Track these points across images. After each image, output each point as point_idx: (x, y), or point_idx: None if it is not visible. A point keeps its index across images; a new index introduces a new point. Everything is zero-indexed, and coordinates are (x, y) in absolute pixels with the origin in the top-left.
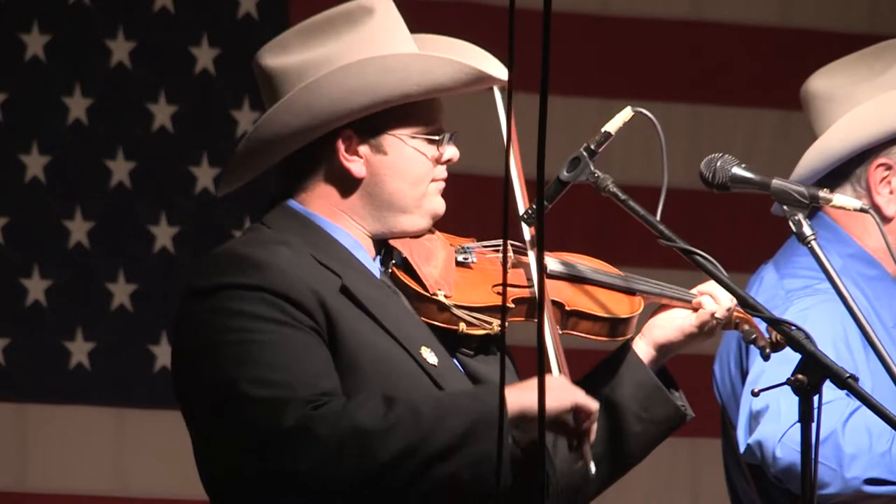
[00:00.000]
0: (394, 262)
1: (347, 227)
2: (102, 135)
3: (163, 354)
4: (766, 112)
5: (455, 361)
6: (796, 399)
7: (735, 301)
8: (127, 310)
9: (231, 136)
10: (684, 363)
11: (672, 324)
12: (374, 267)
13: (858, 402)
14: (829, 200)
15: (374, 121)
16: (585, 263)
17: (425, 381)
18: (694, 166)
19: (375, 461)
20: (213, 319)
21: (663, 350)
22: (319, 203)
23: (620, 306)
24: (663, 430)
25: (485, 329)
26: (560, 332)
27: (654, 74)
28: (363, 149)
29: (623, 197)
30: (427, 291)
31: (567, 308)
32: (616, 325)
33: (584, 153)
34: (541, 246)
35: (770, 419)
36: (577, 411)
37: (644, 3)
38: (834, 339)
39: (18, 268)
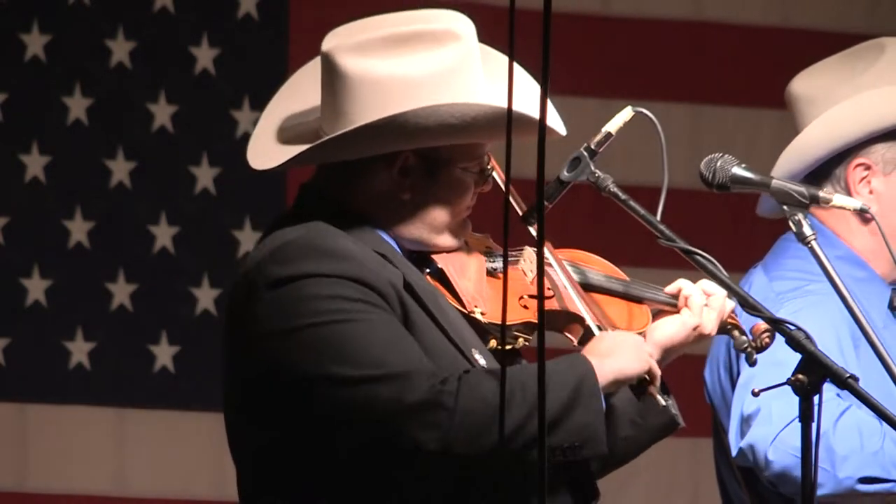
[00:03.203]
0: (428, 271)
1: (388, 233)
2: (102, 135)
3: (163, 354)
4: (766, 112)
5: None
6: (788, 402)
7: (732, 303)
8: (127, 310)
9: (231, 136)
10: (684, 363)
11: (676, 327)
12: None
13: (847, 403)
14: (830, 200)
15: (440, 152)
16: (593, 266)
17: None
18: (694, 166)
19: (498, 432)
20: (307, 304)
21: (665, 355)
22: (367, 211)
23: (634, 320)
24: (653, 437)
25: (511, 345)
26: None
27: (654, 74)
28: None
29: (623, 197)
30: (465, 308)
31: (586, 323)
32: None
33: (585, 153)
34: (541, 246)
35: (762, 422)
36: (650, 373)
37: (644, 3)
38: (825, 340)
39: (18, 268)
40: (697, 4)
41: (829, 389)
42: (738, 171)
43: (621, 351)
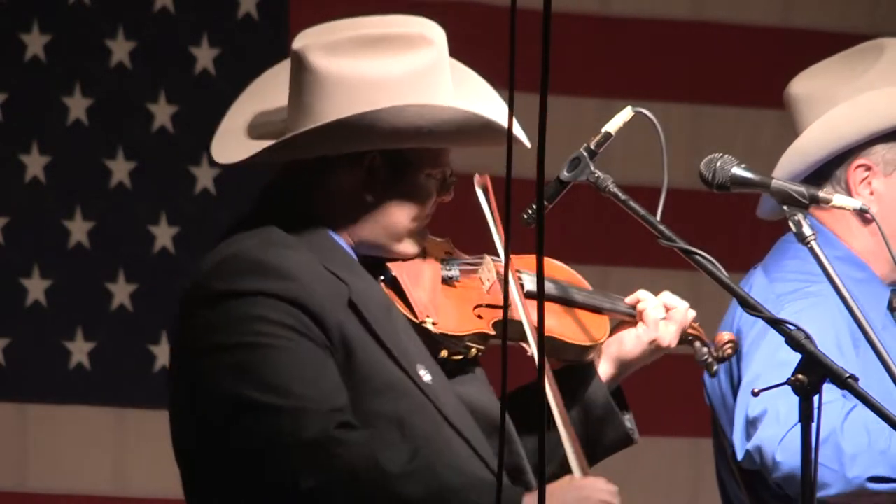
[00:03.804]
0: (382, 277)
1: (344, 238)
2: (102, 135)
3: (163, 354)
4: (766, 112)
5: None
6: (795, 403)
7: (693, 313)
8: (127, 310)
9: None
10: (684, 363)
11: (632, 341)
12: None
13: (854, 402)
14: (830, 200)
15: (407, 154)
16: (554, 276)
17: (426, 403)
18: (694, 166)
19: (377, 501)
20: (231, 324)
21: (622, 368)
22: (327, 211)
23: (591, 331)
24: (606, 452)
25: (463, 355)
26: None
27: (654, 74)
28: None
29: (623, 197)
30: (416, 318)
31: (550, 336)
32: (590, 351)
33: (584, 153)
34: (540, 246)
35: (769, 424)
36: None
37: (644, 3)
38: (826, 341)
39: (18, 268)
40: (697, 4)
41: (834, 390)
42: (738, 171)
43: (570, 499)
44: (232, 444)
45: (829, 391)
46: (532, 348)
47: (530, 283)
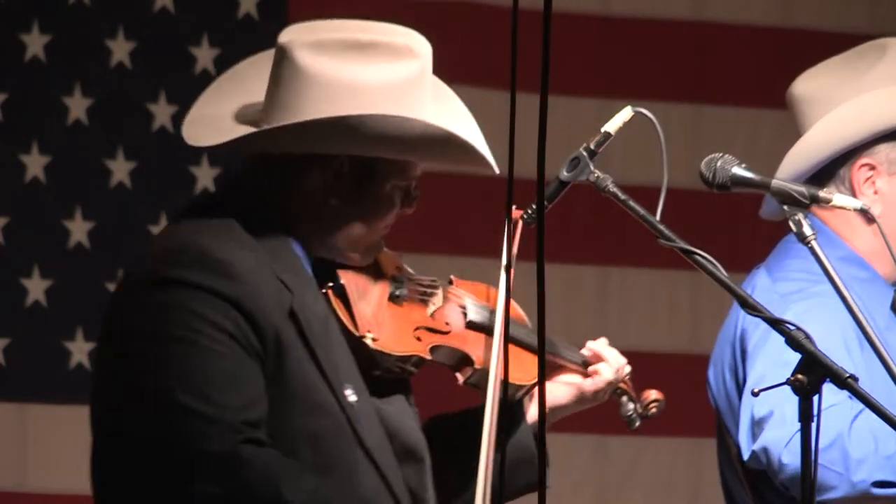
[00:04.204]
0: (331, 284)
1: (302, 239)
2: (102, 135)
3: None
4: (766, 112)
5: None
6: None
7: (628, 368)
8: None
9: None
10: (684, 363)
11: (565, 388)
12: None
13: (862, 405)
14: (830, 200)
15: (376, 163)
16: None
17: (345, 425)
18: (694, 166)
19: None
20: (166, 312)
21: (551, 414)
22: (289, 210)
23: (526, 371)
24: (518, 493)
25: (395, 374)
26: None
27: (654, 74)
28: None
29: (623, 197)
30: (357, 331)
31: (476, 366)
32: (519, 390)
33: (584, 153)
34: (541, 246)
35: (775, 425)
36: None
37: (644, 3)
38: (833, 341)
39: (18, 268)
40: (697, 4)
41: (840, 392)
42: (739, 170)
43: None
44: (131, 432)
45: (836, 393)
46: (461, 378)
47: (474, 313)
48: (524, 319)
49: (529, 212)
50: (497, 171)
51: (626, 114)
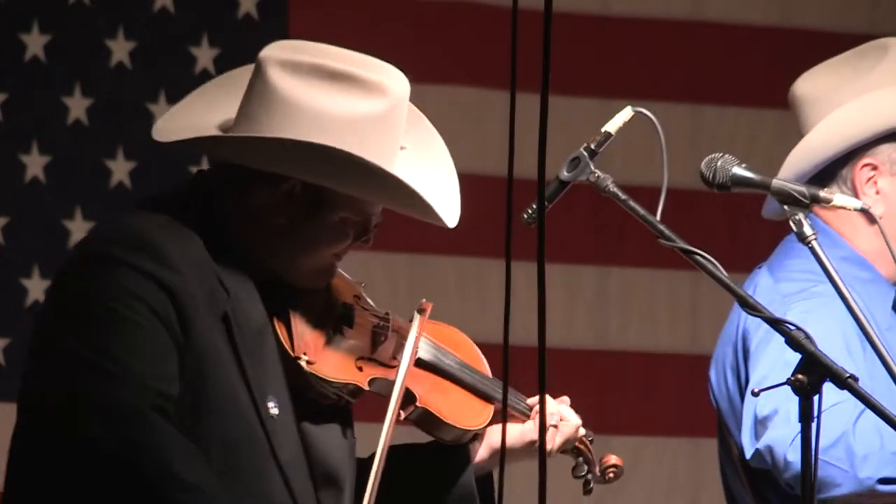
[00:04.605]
0: (276, 303)
1: (250, 253)
2: (102, 135)
3: None
4: (766, 112)
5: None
6: None
7: (583, 431)
8: None
9: None
10: (685, 363)
11: (515, 435)
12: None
13: None
14: (830, 200)
15: (327, 193)
16: (455, 352)
17: (261, 437)
18: (694, 166)
19: (150, 499)
20: (97, 284)
21: (496, 457)
22: (239, 222)
23: (472, 416)
24: None
25: (332, 401)
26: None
27: (654, 74)
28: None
29: (623, 197)
30: (293, 351)
31: (418, 404)
32: (466, 435)
33: (584, 153)
34: (541, 246)
35: (779, 423)
36: None
37: (644, 3)
38: (834, 341)
39: (18, 268)
40: (697, 4)
41: (843, 391)
42: (739, 170)
43: None
44: (43, 386)
45: (840, 391)
46: (403, 414)
47: (425, 352)
48: (482, 363)
49: (530, 212)
50: (450, 225)
51: (626, 114)
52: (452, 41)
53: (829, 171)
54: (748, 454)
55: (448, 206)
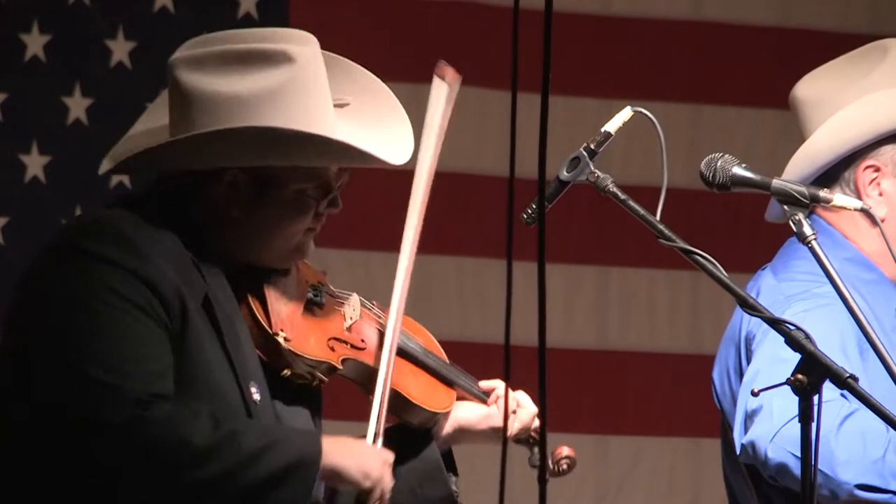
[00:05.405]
0: (249, 282)
1: (218, 244)
2: (102, 135)
3: None
4: (766, 112)
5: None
6: (790, 399)
7: (534, 424)
8: None
9: None
10: (686, 363)
11: (478, 415)
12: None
13: (853, 406)
14: (830, 200)
15: (271, 171)
16: (416, 337)
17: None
18: (694, 166)
19: (191, 478)
20: (80, 283)
21: (460, 435)
22: (205, 223)
23: (439, 400)
24: None
25: (305, 380)
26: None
27: (654, 74)
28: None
29: (623, 197)
30: (270, 328)
31: (400, 393)
32: (435, 418)
33: (584, 153)
34: (541, 246)
35: (763, 419)
36: (373, 492)
37: (644, 3)
38: (831, 344)
39: (18, 268)
40: (697, 4)
41: (833, 390)
42: (739, 170)
43: (358, 457)
44: (37, 399)
45: (829, 391)
46: (373, 397)
47: (402, 342)
48: (439, 348)
49: (529, 212)
50: (395, 162)
51: (626, 114)
52: (452, 41)
53: (832, 174)
54: (738, 450)
55: (397, 147)
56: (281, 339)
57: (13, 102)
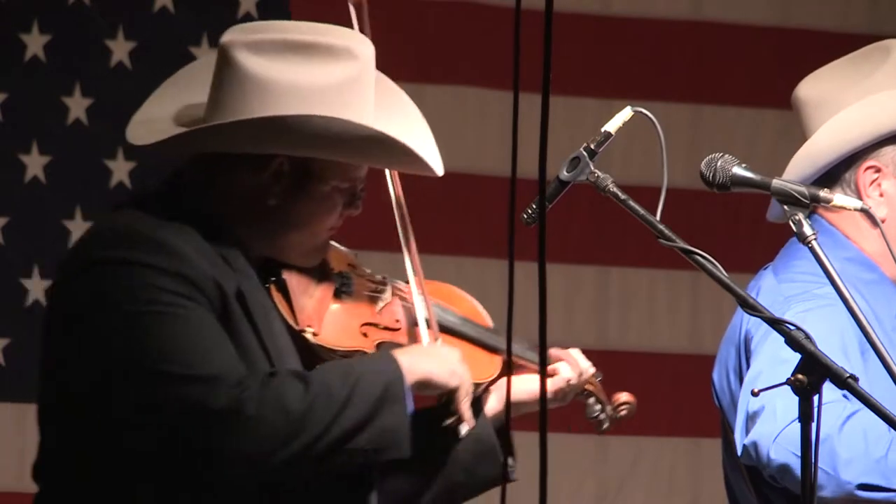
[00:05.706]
0: (273, 279)
1: (242, 237)
2: (102, 135)
3: None
4: (766, 112)
5: None
6: (792, 400)
7: (591, 370)
8: None
9: None
10: (687, 363)
11: (527, 385)
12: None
13: (856, 406)
14: (830, 200)
15: (315, 164)
16: (453, 307)
17: None
18: (694, 166)
19: (299, 441)
20: (123, 289)
21: (514, 407)
22: (226, 210)
23: (480, 369)
24: (481, 488)
25: None
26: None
27: (654, 74)
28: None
29: (623, 197)
30: (297, 325)
31: None
32: (476, 388)
33: (584, 153)
34: (542, 246)
35: (765, 420)
36: (461, 388)
37: (644, 3)
38: (831, 344)
39: (18, 268)
40: (697, 4)
41: (834, 390)
42: (739, 170)
43: (436, 359)
44: (120, 413)
45: (830, 391)
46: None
47: (437, 314)
48: (483, 317)
49: (529, 212)
50: (440, 173)
51: (626, 114)
52: (453, 41)
53: (833, 174)
54: (739, 451)
55: (438, 158)
56: (309, 335)
57: (13, 102)
